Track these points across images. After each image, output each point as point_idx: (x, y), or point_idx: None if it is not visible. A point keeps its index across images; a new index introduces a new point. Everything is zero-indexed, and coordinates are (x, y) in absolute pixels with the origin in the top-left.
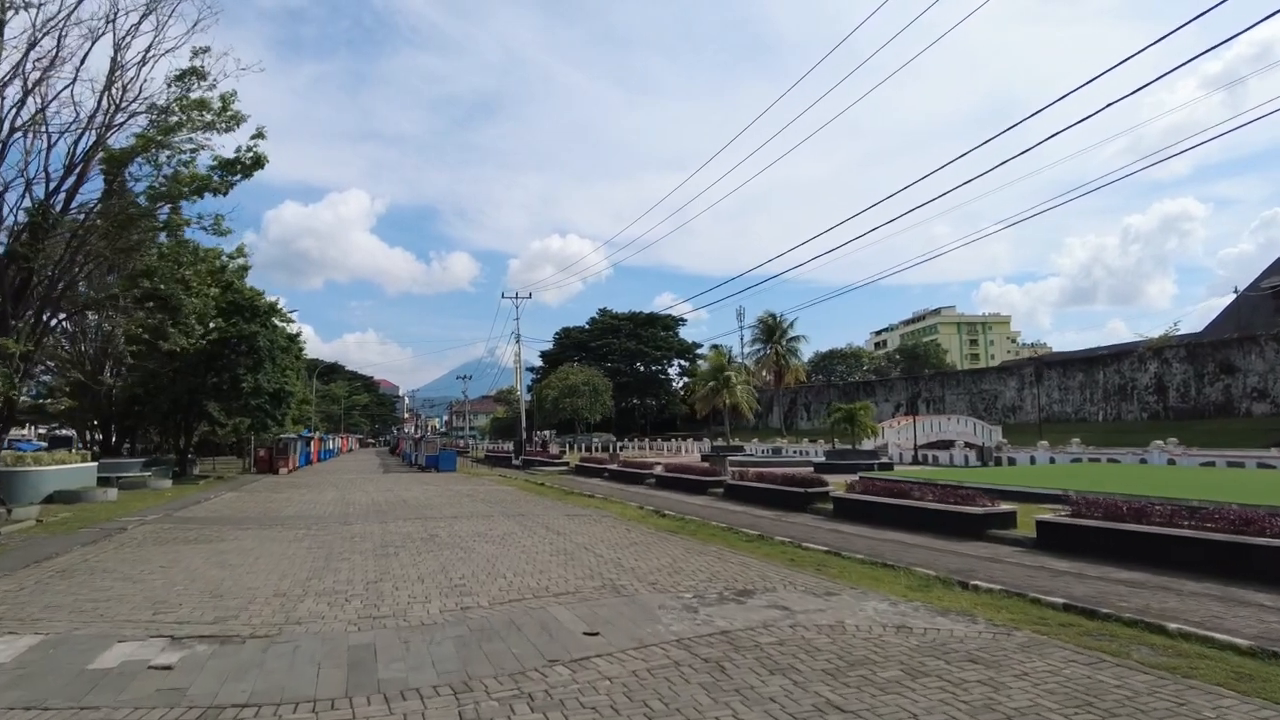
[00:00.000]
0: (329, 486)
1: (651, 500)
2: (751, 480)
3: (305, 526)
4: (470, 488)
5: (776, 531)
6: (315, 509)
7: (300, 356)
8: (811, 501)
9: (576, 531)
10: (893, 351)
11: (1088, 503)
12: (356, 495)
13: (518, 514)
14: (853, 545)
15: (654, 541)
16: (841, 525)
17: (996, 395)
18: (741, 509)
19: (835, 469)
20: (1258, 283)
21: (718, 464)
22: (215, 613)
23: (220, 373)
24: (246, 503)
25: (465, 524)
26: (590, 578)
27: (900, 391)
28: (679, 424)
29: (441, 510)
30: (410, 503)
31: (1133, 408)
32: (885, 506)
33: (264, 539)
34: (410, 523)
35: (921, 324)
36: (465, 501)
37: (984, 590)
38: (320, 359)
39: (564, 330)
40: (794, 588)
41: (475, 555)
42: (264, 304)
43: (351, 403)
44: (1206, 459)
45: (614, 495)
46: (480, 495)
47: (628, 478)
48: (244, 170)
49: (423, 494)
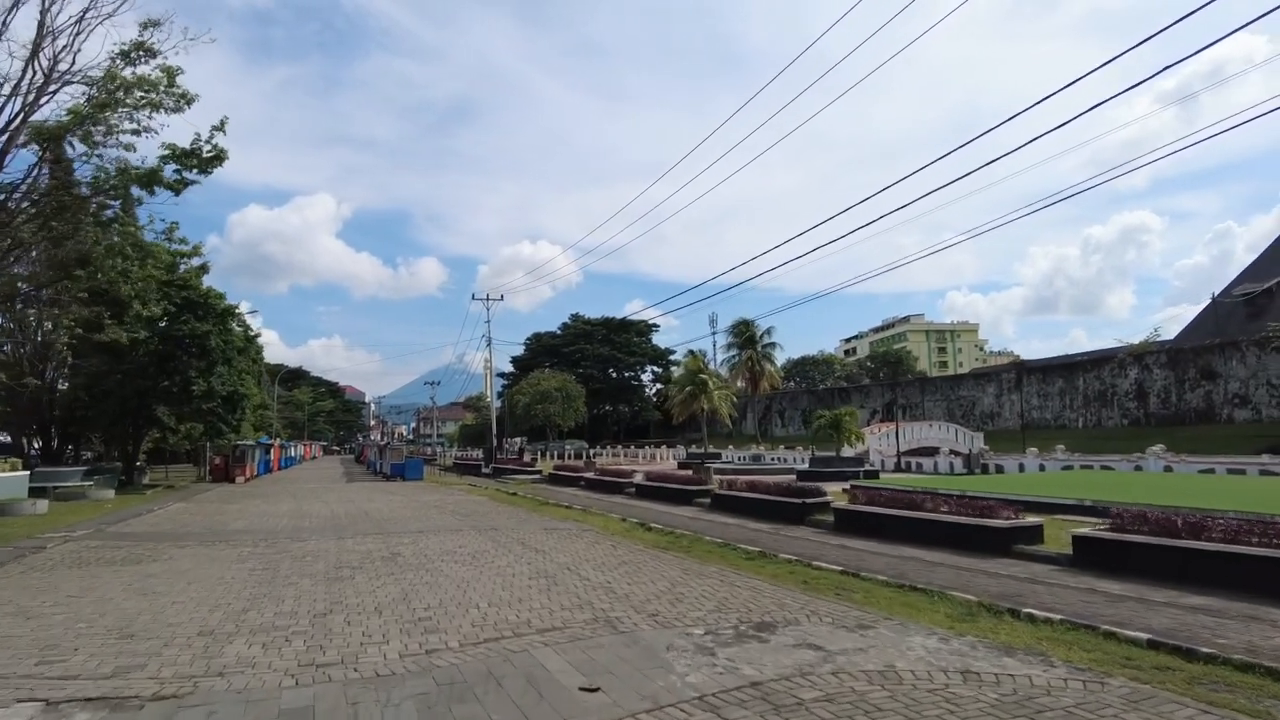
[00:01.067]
0: (286, 497)
1: (634, 511)
2: (741, 490)
3: (252, 543)
4: (438, 498)
5: (778, 548)
6: (267, 522)
7: (258, 359)
8: (809, 513)
9: (557, 549)
10: (864, 358)
11: (1132, 516)
12: (315, 506)
13: (490, 528)
14: (869, 564)
15: (645, 561)
16: (848, 540)
17: (974, 402)
18: (733, 521)
19: (820, 477)
20: (1230, 289)
21: (702, 473)
22: (117, 661)
23: (171, 375)
24: (193, 515)
25: (432, 540)
26: (579, 608)
27: (876, 398)
28: (652, 431)
29: (406, 524)
30: (372, 515)
31: (1113, 414)
32: (895, 519)
33: (202, 559)
34: (371, 539)
35: (891, 331)
36: (432, 513)
37: (1041, 620)
38: (284, 364)
39: (535, 335)
40: (819, 619)
41: (443, 579)
42: (221, 305)
43: (316, 409)
44: (1205, 466)
45: (593, 506)
46: (449, 506)
47: (605, 487)
48: (202, 165)
49: (386, 505)
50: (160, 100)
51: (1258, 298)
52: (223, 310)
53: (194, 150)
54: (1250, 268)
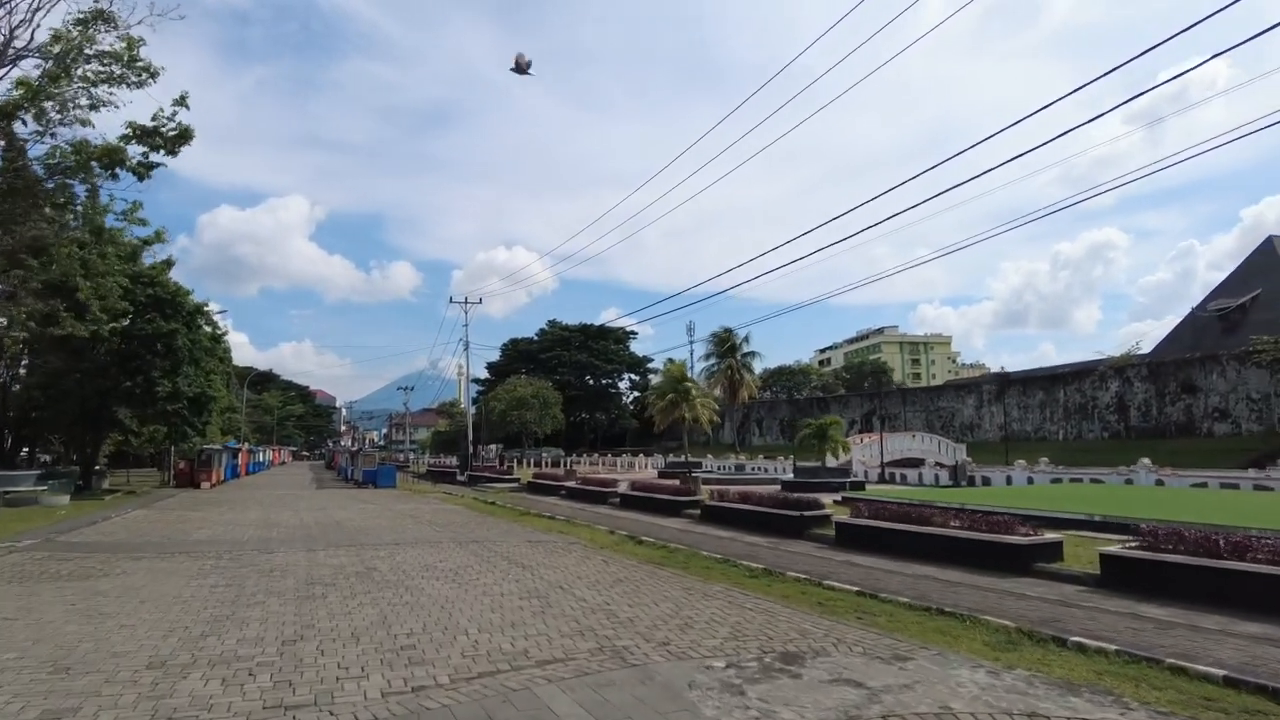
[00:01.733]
0: (254, 504)
1: (621, 523)
2: (733, 501)
3: (216, 555)
4: (413, 507)
5: (782, 564)
6: (233, 532)
7: (226, 359)
8: (808, 526)
9: (545, 564)
10: (840, 369)
11: (1166, 534)
12: (284, 515)
13: (471, 540)
14: (884, 584)
15: (642, 578)
16: (853, 556)
17: (954, 413)
18: (727, 534)
19: (805, 488)
20: (1205, 304)
21: (690, 482)
22: (46, 703)
23: (133, 375)
24: (153, 523)
25: (410, 553)
26: (579, 634)
27: (855, 408)
28: (628, 439)
29: (381, 535)
30: (345, 525)
31: (1094, 427)
32: (902, 534)
33: (159, 574)
34: (344, 551)
35: (865, 343)
36: (408, 524)
37: (1094, 651)
38: (254, 367)
39: (512, 341)
40: (848, 647)
41: (425, 599)
42: (189, 302)
43: (286, 413)
44: (1197, 480)
45: (577, 517)
46: (425, 516)
47: (588, 496)
48: (167, 145)
49: (359, 514)
50: (121, 74)
51: (1232, 313)
52: (191, 308)
53: (156, 129)
54: (1225, 283)
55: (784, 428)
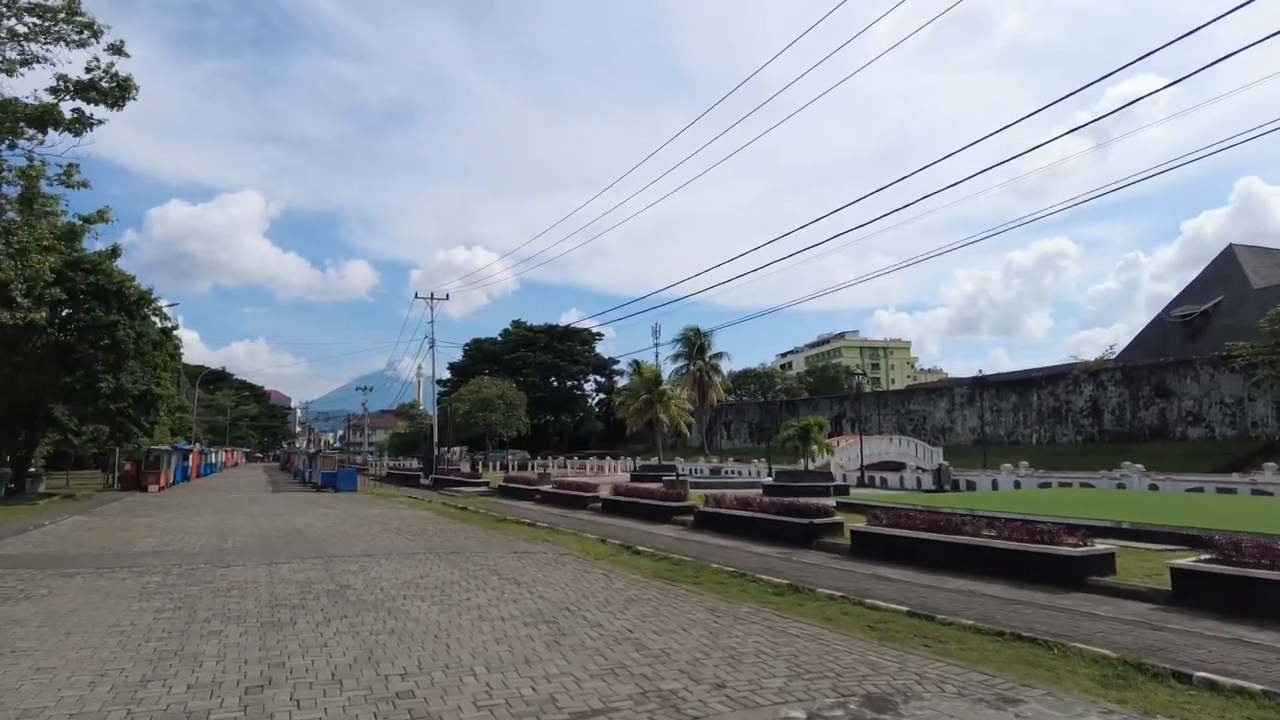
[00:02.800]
0: (206, 509)
1: (608, 530)
2: (731, 507)
3: (163, 570)
4: (379, 512)
5: (805, 578)
6: (182, 541)
7: (176, 355)
8: (818, 535)
9: (540, 579)
10: (804, 373)
11: (1252, 546)
12: (239, 521)
13: (449, 551)
14: (933, 602)
15: (655, 596)
16: (878, 568)
17: (925, 416)
18: (730, 544)
19: (787, 491)
20: (1169, 310)
21: (678, 487)
22: None
23: (72, 370)
24: (91, 531)
25: (385, 566)
26: (611, 673)
27: (824, 411)
28: (593, 441)
29: (349, 545)
30: (307, 533)
31: (1067, 431)
32: (932, 544)
33: (93, 595)
34: (310, 565)
35: (826, 347)
36: (377, 532)
37: (1230, 690)
38: (206, 366)
39: (475, 341)
40: (937, 686)
41: (414, 625)
42: (134, 291)
43: (239, 413)
44: (1192, 484)
45: (559, 524)
46: (394, 523)
47: (565, 501)
48: (106, 98)
49: (322, 521)
50: (63, 32)
51: (1195, 319)
52: (136, 297)
53: (92, 82)
54: (1187, 290)
55: (753, 430)
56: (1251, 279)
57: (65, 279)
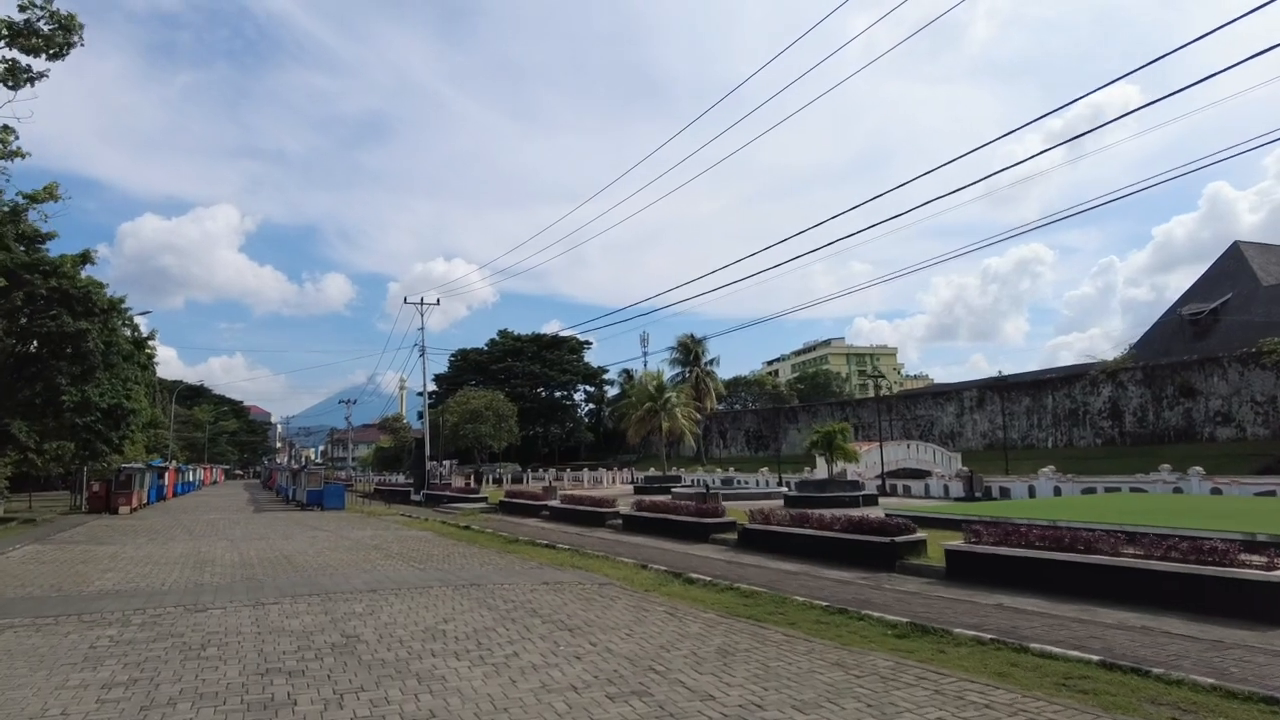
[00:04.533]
0: (180, 533)
1: (641, 553)
2: (786, 525)
3: (121, 618)
4: (372, 533)
5: (919, 612)
6: (150, 575)
7: (149, 367)
8: (900, 555)
9: (594, 622)
10: (794, 379)
11: None
12: (218, 548)
13: (468, 582)
14: (1118, 646)
15: (753, 645)
16: (997, 596)
17: (933, 421)
18: (794, 567)
19: (812, 502)
20: (1176, 308)
21: (710, 501)
22: None
23: (32, 382)
24: (43, 565)
25: (397, 606)
26: None
27: (825, 417)
28: (583, 452)
29: (348, 576)
30: (297, 561)
31: (1085, 433)
32: (1059, 566)
33: (22, 659)
34: (305, 605)
35: (813, 354)
36: (377, 558)
37: None
38: (183, 380)
39: (460, 352)
40: None
41: (457, 703)
42: (103, 299)
43: (218, 429)
44: (1263, 487)
45: (582, 545)
46: (392, 547)
47: (578, 518)
48: (47, 45)
49: (312, 545)
50: None
51: (1204, 317)
52: (105, 305)
53: (28, 24)
54: (1194, 288)
55: (750, 438)
56: (1259, 275)
57: (21, 281)
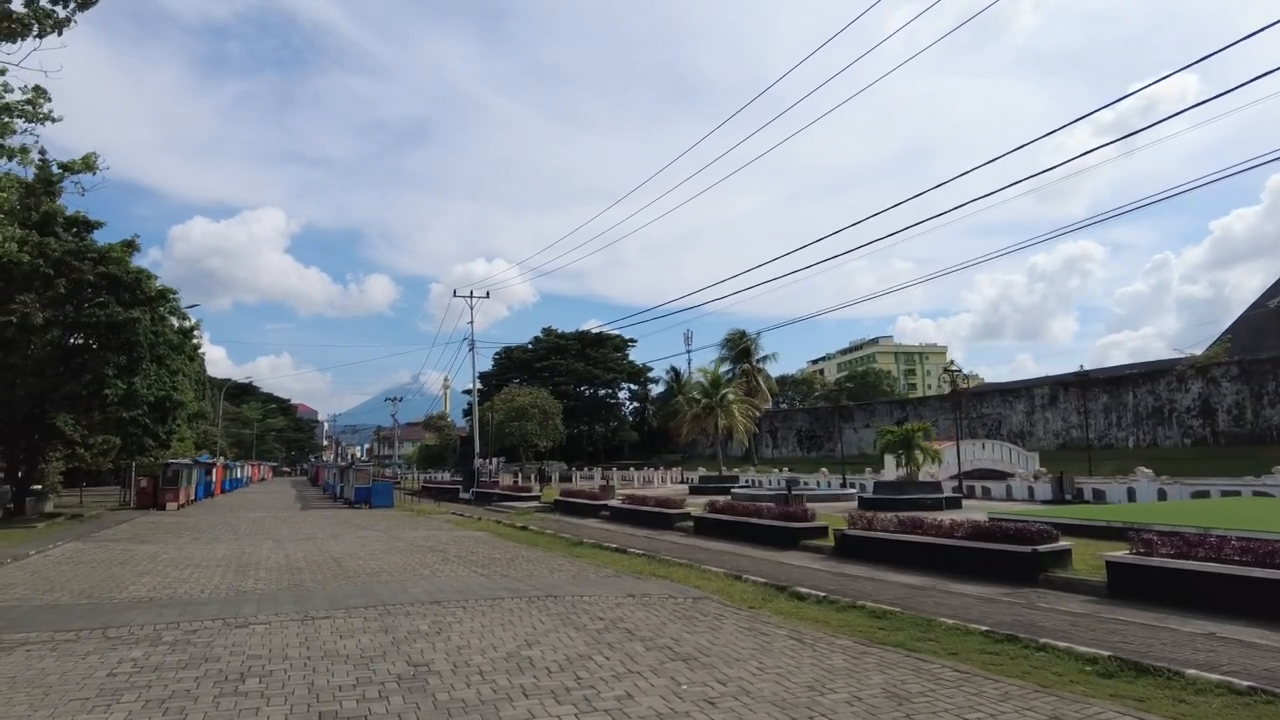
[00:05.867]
0: (225, 532)
1: (724, 560)
2: (895, 531)
3: (149, 637)
4: (426, 534)
5: (1106, 640)
6: (189, 580)
7: (196, 358)
8: (1045, 568)
9: (708, 649)
10: (843, 379)
11: None
12: (263, 549)
13: (542, 592)
14: None
15: (924, 685)
16: (1191, 621)
17: (1000, 420)
18: (914, 580)
19: (893, 504)
20: (1262, 302)
21: (794, 503)
22: None
23: (78, 373)
24: (78, 566)
25: (466, 623)
26: None
27: (883, 417)
28: (627, 452)
29: (405, 583)
30: (348, 565)
31: (1172, 433)
32: (1270, 585)
33: (20, 692)
34: (359, 619)
35: (859, 353)
36: (433, 562)
37: None
38: (231, 379)
39: (505, 350)
40: None
41: None
42: (151, 287)
43: (266, 427)
44: None
45: (656, 550)
46: (450, 550)
47: (643, 519)
48: None
49: (363, 547)
50: None
51: None
52: (155, 294)
53: None
54: None
55: (802, 438)
56: None
57: (68, 269)
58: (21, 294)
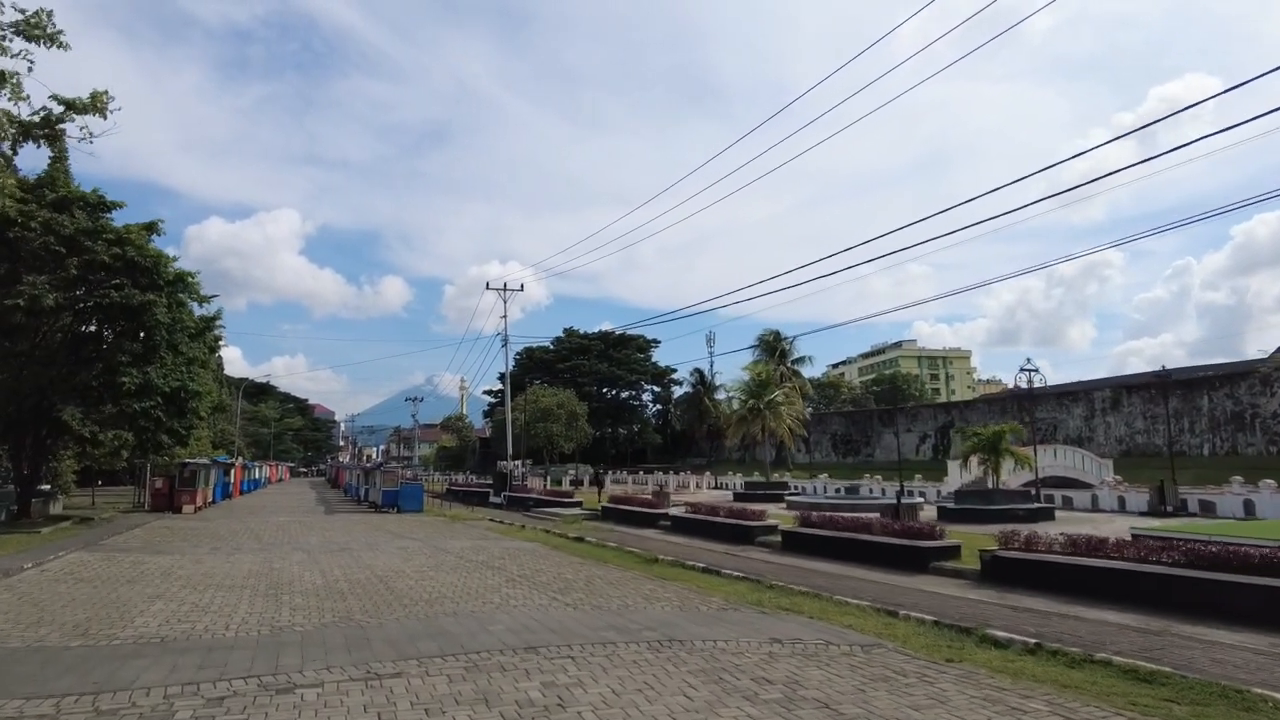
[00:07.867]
0: (248, 540)
1: (851, 587)
2: (1064, 554)
3: (159, 710)
4: (472, 544)
5: None
6: (211, 609)
7: (216, 348)
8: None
9: None
10: (869, 382)
11: None
12: (293, 563)
13: (660, 635)
14: None
15: None
16: None
17: (1056, 424)
18: (1127, 620)
19: (979, 515)
20: None
21: (905, 516)
22: None
23: (89, 363)
24: (78, 584)
25: (591, 688)
26: None
27: (926, 421)
28: (649, 454)
29: (479, 615)
30: (397, 586)
31: (1254, 439)
32: None
33: None
34: (443, 679)
35: (882, 356)
36: (498, 583)
37: None
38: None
39: (526, 350)
40: None
41: None
42: (169, 271)
43: (283, 426)
44: None
45: (755, 571)
46: (509, 566)
47: (713, 531)
48: None
49: (407, 561)
50: None
51: None
52: (173, 278)
53: None
54: None
55: (837, 443)
56: None
57: (80, 248)
58: (30, 274)
